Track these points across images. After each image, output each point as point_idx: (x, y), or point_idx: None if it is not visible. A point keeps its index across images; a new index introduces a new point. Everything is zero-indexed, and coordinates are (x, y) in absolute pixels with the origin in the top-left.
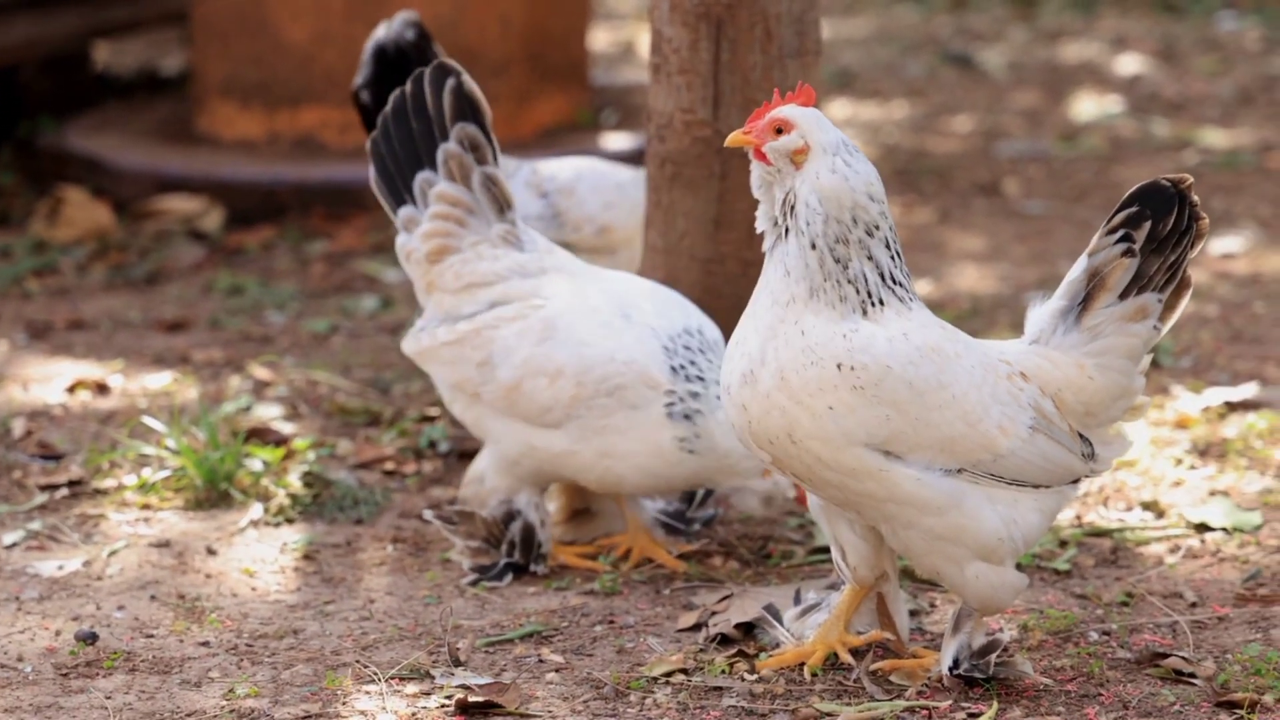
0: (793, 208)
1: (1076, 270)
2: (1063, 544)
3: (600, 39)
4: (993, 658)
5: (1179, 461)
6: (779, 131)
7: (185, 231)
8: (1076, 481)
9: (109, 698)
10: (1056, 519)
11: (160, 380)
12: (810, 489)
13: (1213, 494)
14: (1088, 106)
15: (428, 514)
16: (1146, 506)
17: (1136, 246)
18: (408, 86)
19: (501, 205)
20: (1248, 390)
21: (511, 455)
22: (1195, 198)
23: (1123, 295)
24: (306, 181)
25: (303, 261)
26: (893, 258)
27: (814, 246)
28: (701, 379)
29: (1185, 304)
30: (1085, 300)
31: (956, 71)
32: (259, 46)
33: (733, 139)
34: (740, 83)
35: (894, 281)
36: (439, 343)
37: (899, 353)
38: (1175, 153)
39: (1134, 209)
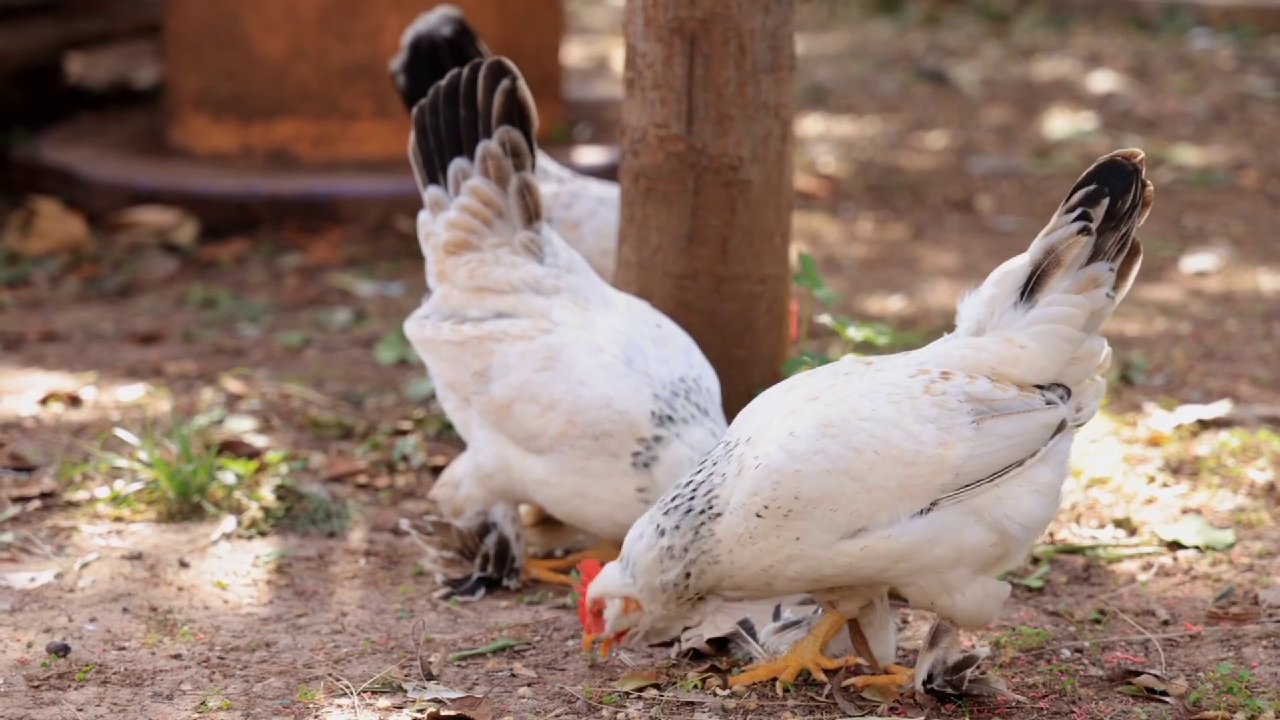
0: (681, 614)
1: (1018, 261)
2: (1035, 561)
3: (574, 54)
4: (967, 674)
5: (1151, 479)
6: (600, 612)
7: (158, 244)
8: (1061, 428)
9: (81, 710)
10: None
11: (133, 393)
12: (862, 593)
13: (1185, 512)
14: (1061, 123)
15: (404, 524)
16: (1119, 524)
17: (1094, 225)
18: (465, 71)
19: (531, 215)
20: (1220, 408)
21: (488, 468)
22: (1143, 168)
23: (1079, 269)
24: (280, 194)
25: (276, 274)
26: (699, 478)
27: (699, 596)
28: (670, 418)
29: (1136, 270)
30: (1037, 280)
31: (930, 88)
32: (232, 59)
33: (591, 649)
34: (714, 98)
35: (711, 489)
36: (442, 338)
37: (795, 452)
38: (1148, 170)
39: (1092, 187)
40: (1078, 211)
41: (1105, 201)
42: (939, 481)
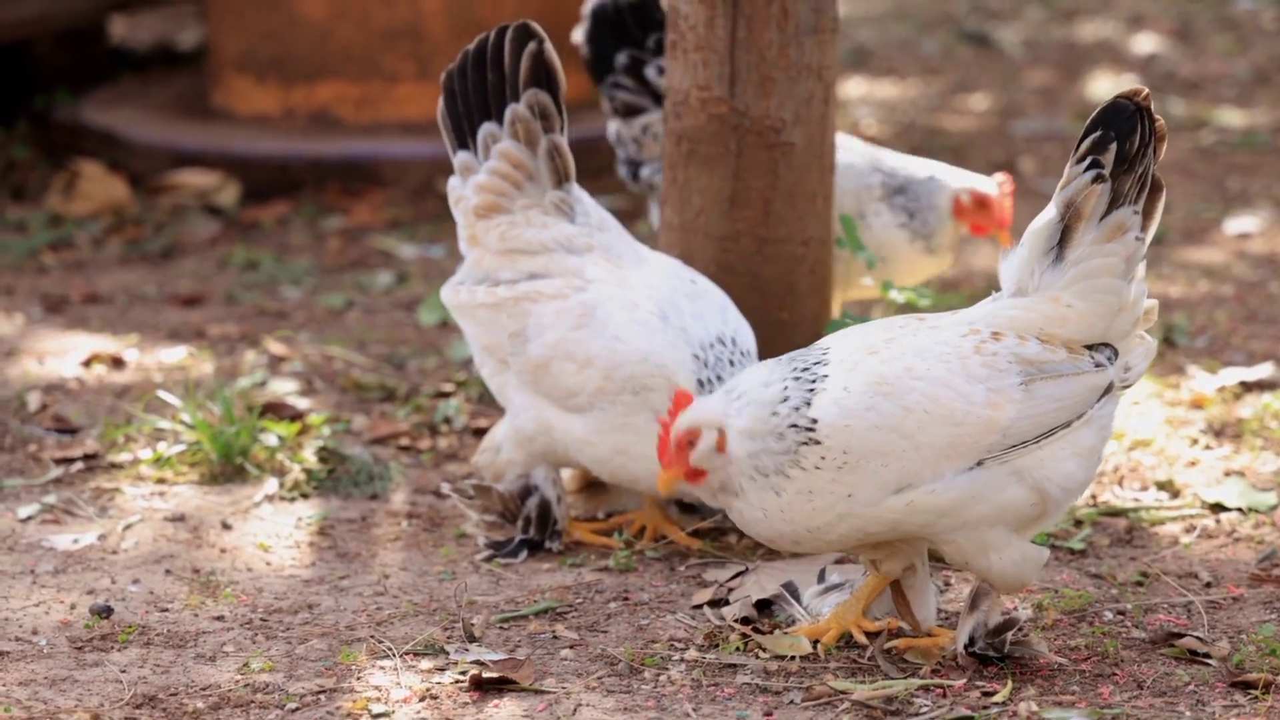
0: (742, 472)
1: (1044, 216)
2: (1078, 523)
3: None
4: (1008, 636)
5: (1194, 441)
6: (692, 444)
7: (201, 206)
8: (1109, 391)
9: (124, 671)
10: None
11: (176, 355)
12: (906, 543)
13: (1228, 474)
14: (1103, 85)
15: (445, 488)
16: (1161, 486)
17: (1107, 171)
18: (492, 35)
19: (561, 176)
20: (1263, 370)
21: (528, 431)
22: (1150, 104)
23: (1100, 219)
24: (322, 157)
25: (318, 237)
26: (799, 377)
27: (767, 475)
28: (719, 377)
29: (1162, 206)
30: (1064, 235)
31: (972, 50)
32: (275, 21)
33: (663, 482)
34: (756, 60)
35: (807, 405)
36: (476, 302)
37: (848, 409)
38: (1191, 132)
39: (1098, 134)
40: (1088, 160)
41: (1113, 146)
42: (987, 442)
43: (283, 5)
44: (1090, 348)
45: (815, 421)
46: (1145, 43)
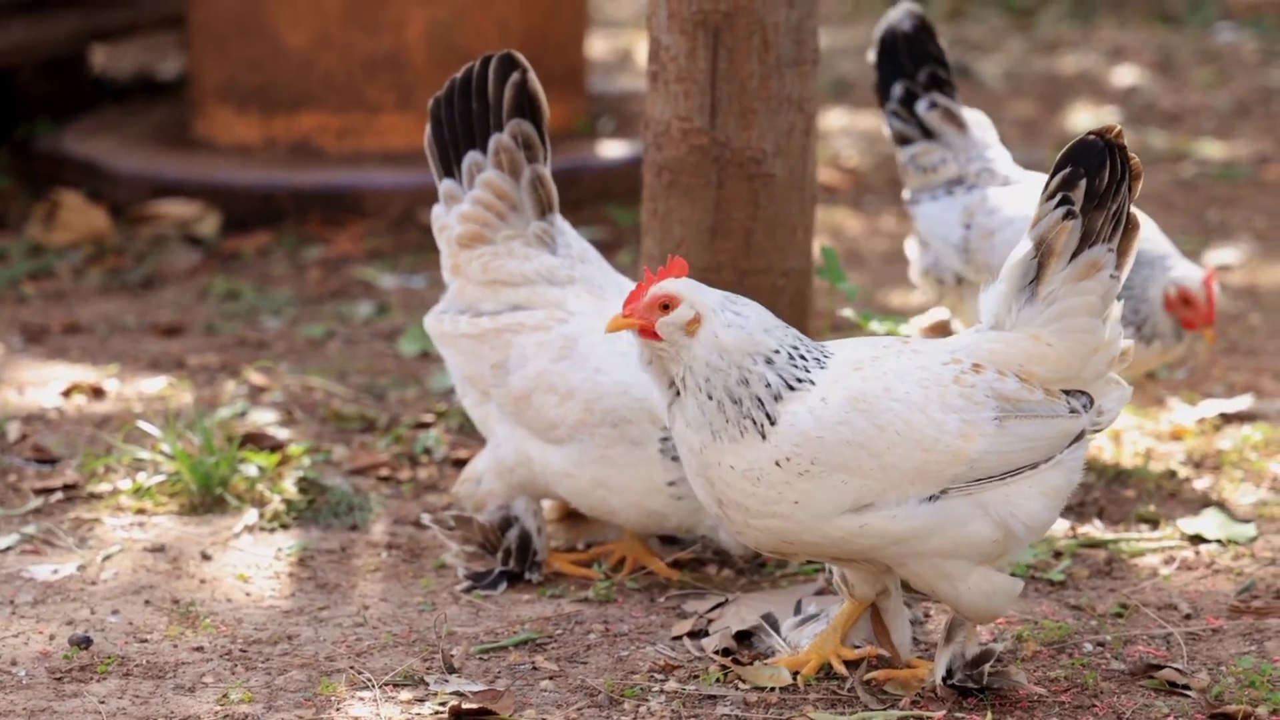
0: (690, 369)
1: (1019, 251)
2: (1057, 555)
3: (598, 46)
4: (986, 668)
5: (1174, 473)
6: (665, 308)
7: (181, 236)
8: (1080, 438)
9: (103, 702)
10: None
11: (155, 385)
12: (829, 563)
13: (1207, 506)
14: (1084, 117)
15: (425, 519)
16: (1141, 518)
17: (1077, 207)
18: (476, 64)
19: (544, 207)
20: (1243, 402)
21: (508, 462)
22: (1124, 142)
23: (1073, 257)
24: (303, 187)
25: (299, 267)
26: (791, 356)
27: (710, 397)
28: None
29: (1138, 245)
30: (1038, 271)
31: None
32: (257, 51)
33: (613, 323)
34: (737, 91)
35: (788, 387)
36: (459, 332)
37: (824, 419)
38: (1172, 164)
39: (1067, 170)
40: (1059, 197)
41: (1083, 183)
42: (952, 472)
43: (264, 35)
44: (1068, 393)
45: (774, 422)
46: (1126, 75)
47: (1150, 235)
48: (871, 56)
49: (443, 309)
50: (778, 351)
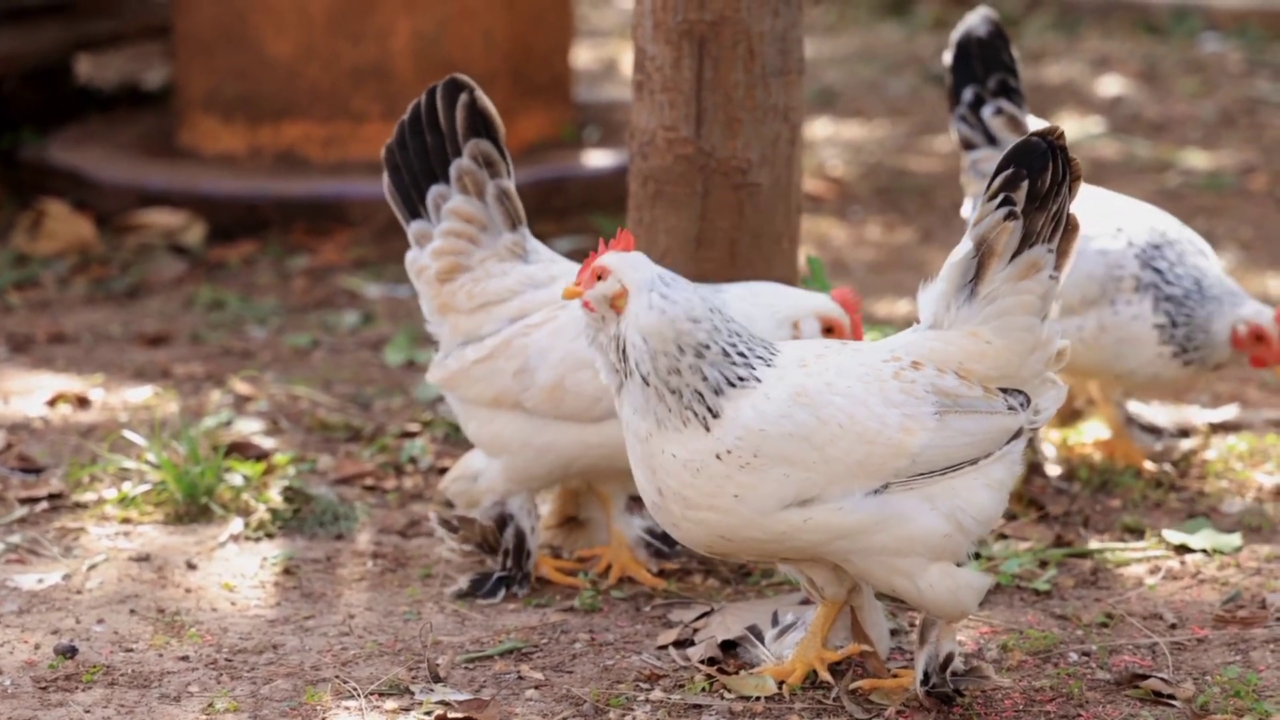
0: (624, 351)
1: (960, 251)
2: (1043, 564)
3: (583, 56)
4: (952, 665)
5: (1159, 483)
6: (599, 279)
7: (167, 246)
8: (1018, 435)
9: (88, 711)
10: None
11: (141, 394)
12: (771, 562)
13: (1193, 515)
14: (1070, 127)
15: (432, 517)
16: (1126, 528)
17: (1019, 208)
18: (422, 99)
19: (514, 220)
20: (1228, 412)
21: (570, 454)
22: (1065, 144)
23: (1013, 257)
24: (288, 196)
25: (284, 276)
26: (726, 353)
27: (647, 383)
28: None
29: (1076, 245)
30: (978, 270)
31: (939, 91)
32: (242, 60)
33: (567, 292)
34: (723, 101)
35: (729, 384)
36: (469, 362)
37: (765, 414)
38: (1157, 174)
39: (1010, 170)
40: (1000, 197)
41: (1025, 184)
42: (894, 465)
43: (249, 45)
44: (1005, 392)
45: (717, 416)
46: (1111, 85)
47: (1216, 270)
48: (947, 59)
49: (443, 355)
50: (708, 346)
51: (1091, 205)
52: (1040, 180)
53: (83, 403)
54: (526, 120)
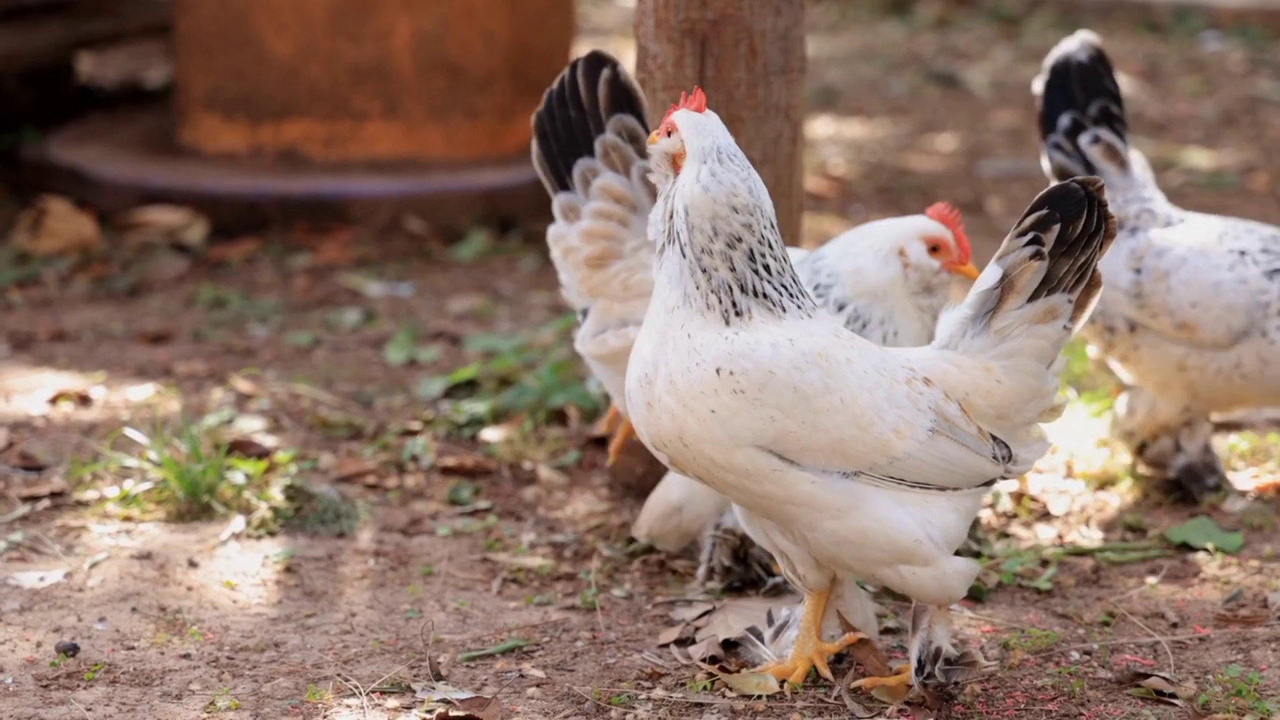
0: (672, 213)
1: (988, 279)
2: (1044, 563)
3: None
4: (943, 651)
5: (1160, 482)
6: (668, 134)
7: (168, 244)
8: (990, 483)
9: (90, 709)
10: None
11: (142, 392)
12: (717, 491)
13: (1194, 515)
14: None
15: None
16: (1128, 527)
17: (1046, 249)
18: (565, 73)
19: None
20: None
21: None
22: (1105, 199)
23: (1031, 298)
24: (290, 195)
25: (285, 275)
26: (758, 271)
27: (684, 254)
28: None
29: (1095, 304)
30: (995, 304)
31: (940, 90)
32: (243, 59)
33: (651, 138)
34: (725, 99)
35: (757, 294)
36: (624, 347)
37: (783, 358)
38: (1158, 173)
39: (1044, 211)
40: (1030, 236)
41: (1057, 227)
42: (871, 459)
43: (250, 44)
44: (994, 440)
45: (740, 314)
46: None
47: None
48: (1038, 86)
49: (594, 331)
50: (740, 239)
51: (1195, 230)
52: (1072, 227)
53: (84, 401)
54: (527, 120)
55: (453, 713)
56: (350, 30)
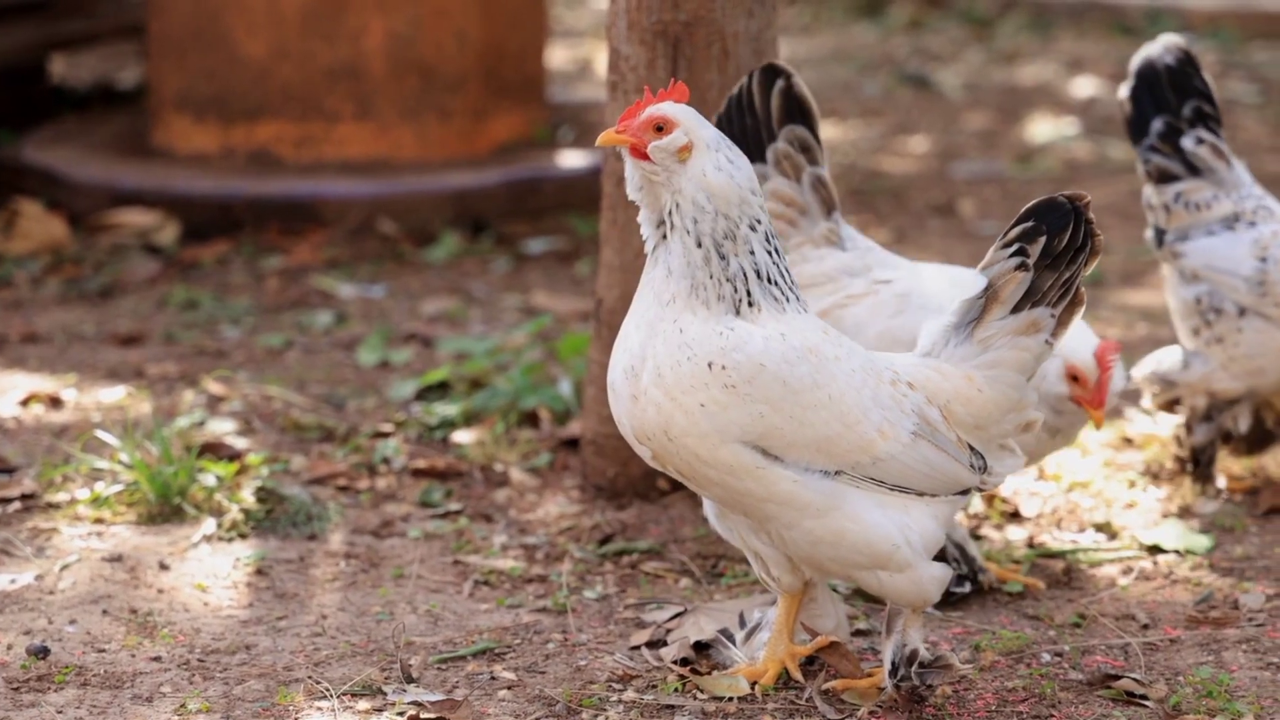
0: (677, 206)
1: (973, 288)
2: (1016, 564)
3: (557, 56)
4: (919, 654)
5: (1132, 484)
6: (659, 130)
7: (140, 245)
8: (966, 493)
9: (60, 712)
10: (1003, 537)
11: (114, 394)
12: (695, 488)
13: (1165, 516)
14: (1043, 128)
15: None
16: (1099, 528)
17: (1031, 261)
18: (744, 81)
19: (829, 207)
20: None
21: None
22: (1092, 215)
23: (1015, 309)
24: (262, 196)
25: (258, 276)
26: (770, 253)
27: (699, 244)
28: None
29: (1077, 320)
30: (979, 313)
31: (913, 92)
32: (215, 60)
33: (605, 138)
34: (697, 102)
35: (770, 281)
36: None
37: (774, 352)
38: (1130, 175)
39: (1030, 224)
40: (1015, 247)
41: (1042, 240)
42: (854, 458)
43: (223, 45)
44: (971, 450)
45: (752, 304)
46: (1085, 86)
47: None
48: (1124, 91)
49: None
50: (760, 221)
51: None
52: (1057, 240)
53: (55, 403)
54: (500, 120)
55: (424, 715)
56: (323, 31)
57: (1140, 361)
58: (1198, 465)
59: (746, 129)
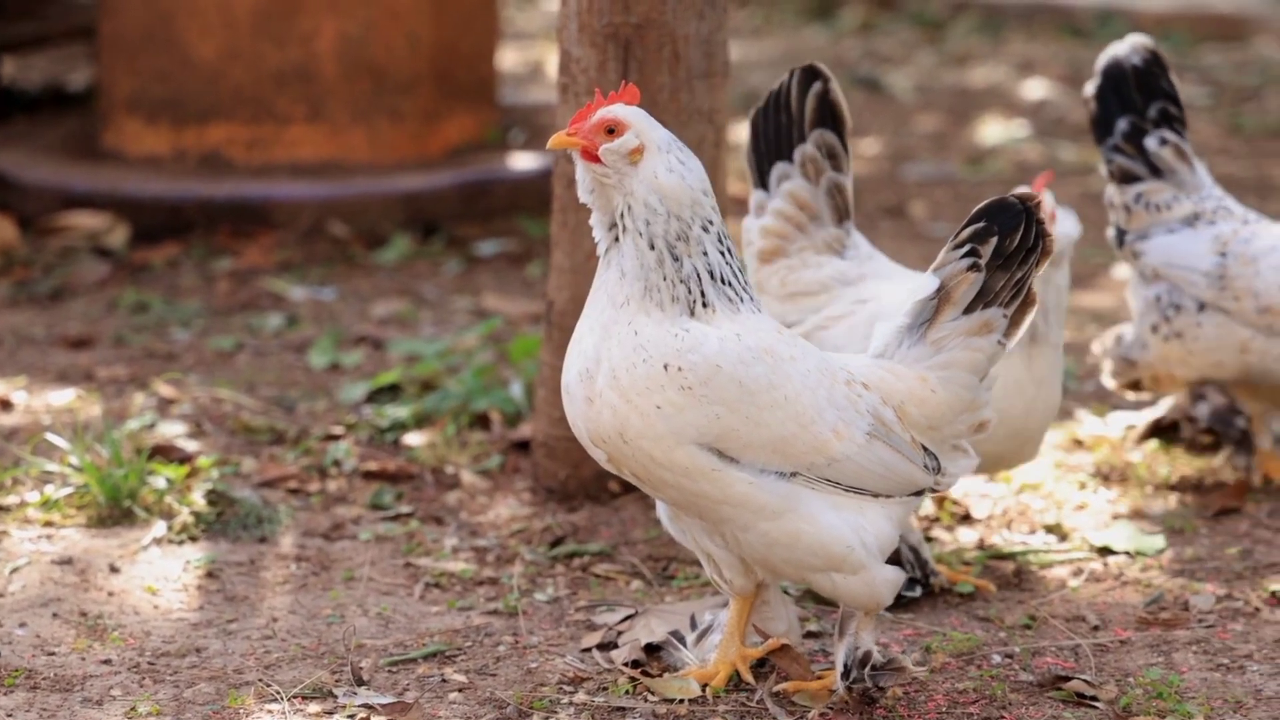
0: (629, 208)
1: (926, 289)
2: (967, 566)
3: (508, 58)
4: (872, 660)
5: (1083, 485)
6: (610, 132)
7: (90, 248)
8: (920, 494)
9: (10, 715)
10: (962, 539)
11: (64, 397)
12: (650, 490)
13: (1116, 517)
14: (994, 130)
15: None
16: (1050, 529)
17: (983, 262)
18: (784, 78)
19: (841, 214)
20: (1152, 414)
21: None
22: (1043, 215)
23: (968, 310)
24: (212, 198)
25: (208, 279)
26: (723, 254)
27: (652, 246)
28: None
29: (1030, 320)
30: (932, 314)
31: (864, 94)
32: (166, 62)
33: (556, 140)
34: (648, 104)
35: (724, 281)
36: None
37: (729, 352)
38: (1081, 177)
39: (981, 224)
40: (967, 248)
41: (993, 240)
42: (810, 459)
43: (174, 47)
44: (925, 451)
45: (706, 305)
46: (1035, 88)
47: None
48: (1090, 90)
49: None
50: (712, 222)
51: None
52: (1009, 240)
53: (5, 405)
54: (451, 123)
55: (374, 717)
56: (274, 33)
57: (1101, 334)
58: (1229, 439)
59: (780, 126)
